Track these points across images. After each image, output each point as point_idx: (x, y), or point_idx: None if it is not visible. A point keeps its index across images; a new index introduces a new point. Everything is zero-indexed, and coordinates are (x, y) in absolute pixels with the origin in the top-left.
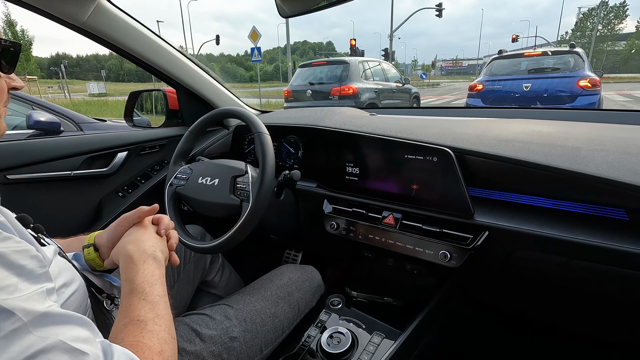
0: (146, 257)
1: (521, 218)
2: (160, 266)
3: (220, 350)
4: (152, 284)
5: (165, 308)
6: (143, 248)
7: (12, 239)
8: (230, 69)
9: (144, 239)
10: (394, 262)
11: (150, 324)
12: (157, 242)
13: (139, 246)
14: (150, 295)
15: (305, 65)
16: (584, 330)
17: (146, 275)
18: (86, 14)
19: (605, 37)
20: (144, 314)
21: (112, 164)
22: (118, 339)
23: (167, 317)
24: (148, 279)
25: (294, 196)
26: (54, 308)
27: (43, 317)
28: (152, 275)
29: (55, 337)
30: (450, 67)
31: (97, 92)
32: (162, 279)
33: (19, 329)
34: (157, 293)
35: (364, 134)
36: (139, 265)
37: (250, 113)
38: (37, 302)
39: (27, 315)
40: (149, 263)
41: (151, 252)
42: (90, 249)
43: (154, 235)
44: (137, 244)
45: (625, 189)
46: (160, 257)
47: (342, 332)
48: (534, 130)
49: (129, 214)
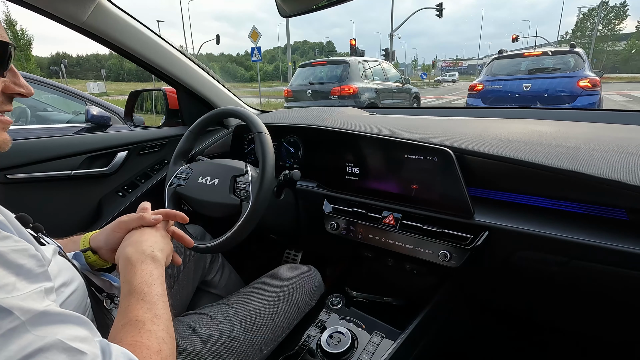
0: (144, 257)
1: (521, 218)
2: (159, 266)
3: (220, 350)
4: (151, 284)
5: (163, 308)
6: (141, 249)
7: (11, 238)
8: (231, 69)
9: (142, 239)
10: (394, 262)
11: (149, 323)
12: (157, 241)
13: (137, 247)
14: (149, 296)
15: (306, 65)
16: (583, 330)
17: (144, 276)
18: (86, 14)
19: (606, 37)
20: (142, 314)
21: (112, 164)
22: (117, 339)
23: (165, 317)
24: (146, 280)
25: (294, 196)
26: (52, 307)
27: (41, 316)
28: (150, 275)
29: (54, 336)
30: (450, 67)
31: (97, 92)
32: (160, 279)
33: (17, 328)
34: (156, 293)
35: (364, 134)
36: (136, 267)
37: (250, 113)
38: (35, 301)
39: (25, 314)
40: (147, 263)
41: (149, 253)
42: (88, 253)
43: (153, 234)
44: (136, 245)
45: (625, 189)
46: (159, 257)
47: (342, 332)
48: (534, 130)
49: (128, 220)
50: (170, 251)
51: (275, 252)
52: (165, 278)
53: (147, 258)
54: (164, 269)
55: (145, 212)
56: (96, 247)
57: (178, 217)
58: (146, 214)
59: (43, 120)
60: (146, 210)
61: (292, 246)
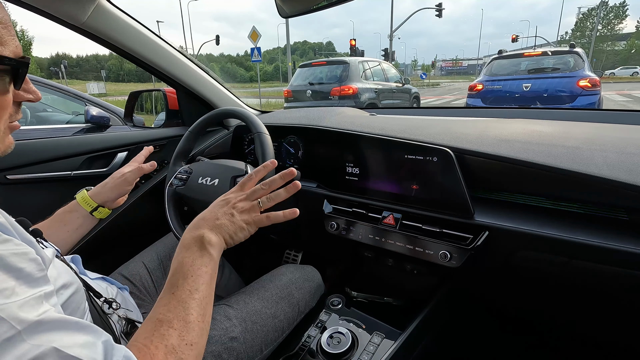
0: (193, 242)
1: (521, 218)
2: (204, 254)
3: (220, 350)
4: (187, 277)
5: (193, 307)
6: (199, 230)
7: (12, 242)
8: (230, 69)
9: (207, 216)
10: (394, 262)
11: (165, 326)
12: (230, 223)
13: (198, 224)
14: (180, 290)
15: (305, 66)
16: (584, 331)
17: (184, 265)
18: (86, 14)
19: (605, 37)
20: (165, 312)
21: (112, 164)
22: (138, 333)
23: (188, 320)
24: (185, 270)
25: (294, 196)
26: (50, 314)
27: (37, 325)
28: (191, 265)
29: (49, 344)
30: (450, 67)
31: (97, 92)
32: (202, 269)
33: (12, 338)
34: (189, 288)
35: (364, 134)
36: (180, 251)
37: (250, 113)
38: (32, 307)
39: (21, 323)
40: (192, 250)
41: (203, 236)
42: (99, 209)
43: (224, 209)
44: (201, 221)
45: (625, 189)
46: (214, 242)
47: (342, 332)
48: (534, 130)
49: (128, 174)
50: (244, 235)
51: (275, 253)
52: (214, 269)
53: (196, 243)
54: (215, 258)
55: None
56: (103, 202)
57: (287, 176)
58: (145, 165)
59: (43, 121)
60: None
61: (292, 246)
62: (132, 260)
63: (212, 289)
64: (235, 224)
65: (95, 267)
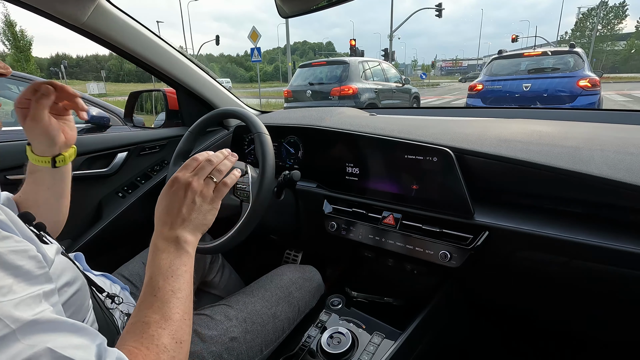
0: (168, 244)
1: (521, 218)
2: (182, 254)
3: (220, 351)
4: (167, 277)
5: (176, 306)
6: (170, 231)
7: (12, 238)
8: (230, 69)
9: (170, 210)
10: (394, 262)
11: (154, 327)
12: (192, 213)
13: (164, 223)
14: (162, 291)
15: (305, 66)
16: (584, 330)
17: (162, 267)
18: (86, 15)
19: (605, 37)
20: (150, 314)
21: (112, 165)
22: (123, 339)
23: (175, 318)
24: (164, 271)
25: (294, 196)
26: (46, 314)
27: (32, 325)
28: (169, 267)
29: (44, 344)
30: (450, 67)
31: (97, 93)
32: (181, 269)
33: (6, 337)
34: (171, 288)
35: (363, 134)
36: (155, 254)
37: (250, 113)
38: (29, 306)
39: (15, 322)
40: (168, 252)
41: (177, 235)
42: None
43: (185, 201)
44: (163, 220)
45: (625, 189)
46: (189, 240)
47: (342, 332)
48: (534, 130)
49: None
50: (211, 220)
51: (276, 253)
52: (192, 265)
53: (171, 245)
54: (192, 255)
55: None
56: (52, 154)
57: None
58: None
59: None
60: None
61: (292, 246)
62: (132, 261)
63: (192, 285)
64: (202, 211)
65: (95, 267)
